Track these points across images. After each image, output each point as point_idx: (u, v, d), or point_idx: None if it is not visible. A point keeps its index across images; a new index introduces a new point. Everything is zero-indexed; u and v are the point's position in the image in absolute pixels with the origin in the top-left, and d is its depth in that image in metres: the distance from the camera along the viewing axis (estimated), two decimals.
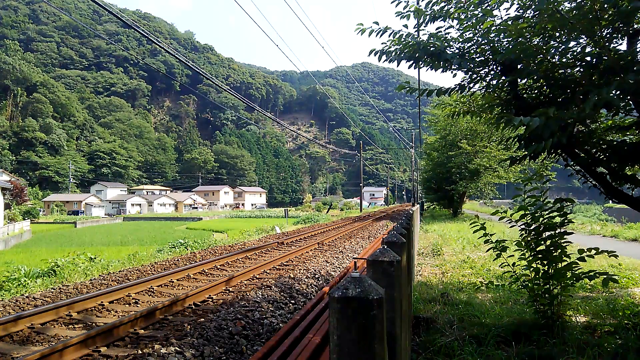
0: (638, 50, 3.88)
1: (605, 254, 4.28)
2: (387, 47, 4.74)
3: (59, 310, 5.62)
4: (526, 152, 4.73)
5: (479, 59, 4.63)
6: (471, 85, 4.92)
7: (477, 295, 6.36)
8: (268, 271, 8.93)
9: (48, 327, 5.30)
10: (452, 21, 4.57)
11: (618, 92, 3.63)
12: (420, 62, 4.74)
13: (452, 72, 4.80)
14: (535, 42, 4.29)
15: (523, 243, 4.74)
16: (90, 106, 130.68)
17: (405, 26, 4.59)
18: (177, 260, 10.78)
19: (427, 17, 4.66)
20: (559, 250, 4.45)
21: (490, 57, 4.52)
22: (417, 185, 52.01)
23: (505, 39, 4.36)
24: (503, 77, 4.63)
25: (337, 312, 1.33)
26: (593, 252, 4.26)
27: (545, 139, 3.54)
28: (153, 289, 7.26)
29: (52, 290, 7.40)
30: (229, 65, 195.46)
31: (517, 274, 4.94)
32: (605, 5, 3.64)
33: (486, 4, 4.30)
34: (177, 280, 8.02)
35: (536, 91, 4.87)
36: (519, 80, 4.70)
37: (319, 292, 6.31)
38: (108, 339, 4.72)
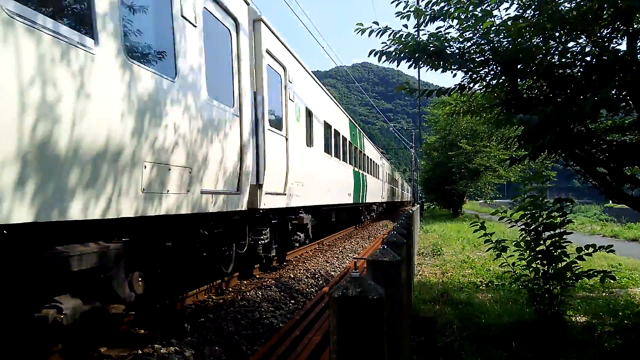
0: (638, 50, 3.89)
1: (604, 251, 4.30)
2: (386, 48, 4.72)
3: None
4: (526, 152, 4.74)
5: (479, 59, 4.63)
6: (471, 85, 4.92)
7: (477, 295, 6.35)
8: (268, 271, 8.92)
9: None
10: (452, 21, 4.56)
11: (617, 92, 3.63)
12: (420, 62, 4.73)
13: (452, 72, 4.80)
14: (535, 42, 4.28)
15: (523, 243, 4.74)
16: None
17: (405, 26, 4.57)
18: None
19: (427, 17, 4.65)
20: (559, 250, 4.45)
21: (490, 57, 4.52)
22: (417, 185, 51.99)
23: (505, 39, 4.35)
24: (503, 77, 4.62)
25: (337, 312, 1.33)
26: (591, 249, 4.27)
27: (542, 136, 3.54)
28: None
29: None
30: None
31: (517, 274, 4.94)
32: (605, 5, 3.64)
33: (486, 4, 4.29)
34: None
35: (536, 91, 4.87)
36: (518, 80, 4.69)
37: (319, 292, 6.32)
38: None
